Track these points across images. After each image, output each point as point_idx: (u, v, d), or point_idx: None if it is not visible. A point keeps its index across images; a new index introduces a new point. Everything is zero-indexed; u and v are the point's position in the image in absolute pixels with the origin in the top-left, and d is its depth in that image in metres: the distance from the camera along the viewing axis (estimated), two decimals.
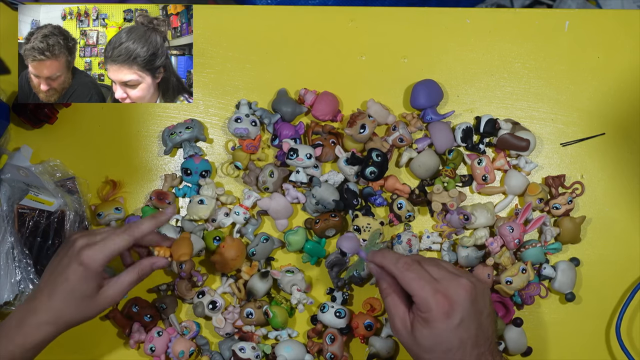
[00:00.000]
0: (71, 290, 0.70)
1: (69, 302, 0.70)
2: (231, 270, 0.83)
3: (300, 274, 0.83)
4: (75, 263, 0.70)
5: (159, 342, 0.81)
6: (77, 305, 0.71)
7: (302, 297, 0.81)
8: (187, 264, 0.82)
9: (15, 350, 0.70)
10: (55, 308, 0.70)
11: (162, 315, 0.83)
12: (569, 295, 0.83)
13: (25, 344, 0.70)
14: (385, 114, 0.85)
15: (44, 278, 0.72)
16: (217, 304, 0.81)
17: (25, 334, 0.70)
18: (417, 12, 0.90)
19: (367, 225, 0.82)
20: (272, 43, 0.89)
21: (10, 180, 0.82)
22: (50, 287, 0.70)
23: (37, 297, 0.71)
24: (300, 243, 0.83)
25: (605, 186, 0.87)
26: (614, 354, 0.84)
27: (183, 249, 0.75)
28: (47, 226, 0.81)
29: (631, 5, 1.71)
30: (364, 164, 0.82)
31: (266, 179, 0.83)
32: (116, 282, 0.73)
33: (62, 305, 0.70)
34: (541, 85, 0.88)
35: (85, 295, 0.71)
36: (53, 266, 0.72)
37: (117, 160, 0.88)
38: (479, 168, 0.84)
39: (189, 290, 0.82)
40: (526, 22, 0.89)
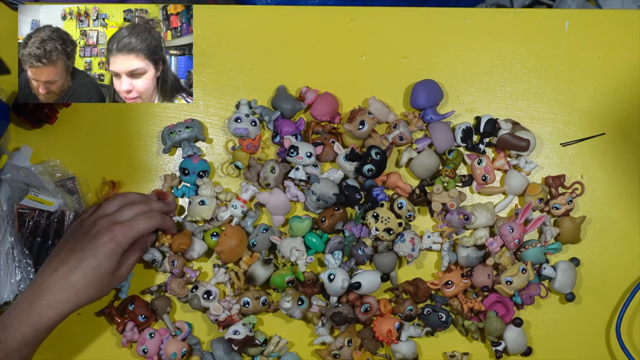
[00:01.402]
0: (97, 265, 0.71)
1: (90, 278, 0.71)
2: (236, 258, 0.83)
3: (299, 238, 0.82)
4: (106, 238, 0.72)
5: (151, 344, 0.81)
6: (97, 282, 0.72)
7: (300, 254, 0.81)
8: (179, 261, 0.82)
9: (28, 332, 0.70)
10: (75, 285, 0.71)
11: (157, 317, 0.84)
12: (569, 295, 0.83)
13: (39, 325, 0.70)
14: (386, 112, 0.85)
15: (60, 256, 0.73)
16: (212, 292, 0.81)
17: (39, 313, 0.70)
18: (417, 12, 0.90)
19: (387, 218, 0.81)
20: (272, 43, 0.89)
21: (10, 180, 0.82)
22: (72, 263, 0.71)
23: (51, 275, 0.71)
24: (302, 231, 0.82)
25: (605, 186, 0.87)
26: (614, 354, 0.84)
27: (182, 240, 0.81)
28: (47, 226, 0.81)
29: (631, 5, 1.71)
30: (362, 161, 0.82)
31: (267, 174, 0.83)
32: (126, 259, 0.76)
33: (84, 281, 0.71)
34: (541, 85, 0.88)
35: (107, 272, 0.73)
36: (70, 244, 0.73)
37: (117, 160, 0.88)
38: (479, 168, 0.84)
39: (182, 287, 0.82)
40: (526, 22, 0.89)
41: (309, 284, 0.82)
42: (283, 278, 0.81)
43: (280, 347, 0.82)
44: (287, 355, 0.82)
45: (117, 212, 0.77)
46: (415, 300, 0.83)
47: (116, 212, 0.77)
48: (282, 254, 0.82)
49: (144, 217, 0.76)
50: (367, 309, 0.81)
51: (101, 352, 0.84)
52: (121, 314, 0.83)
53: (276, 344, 0.82)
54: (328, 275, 0.80)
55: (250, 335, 0.80)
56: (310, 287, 0.82)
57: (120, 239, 0.73)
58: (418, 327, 0.82)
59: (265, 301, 0.82)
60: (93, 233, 0.73)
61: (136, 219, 0.76)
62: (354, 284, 0.80)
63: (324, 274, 0.80)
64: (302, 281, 0.82)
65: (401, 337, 0.81)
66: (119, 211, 0.77)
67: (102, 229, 0.73)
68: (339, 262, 0.82)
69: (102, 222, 0.74)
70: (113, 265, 0.73)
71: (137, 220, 0.75)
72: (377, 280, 0.81)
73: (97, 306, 0.83)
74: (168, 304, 0.84)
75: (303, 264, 0.80)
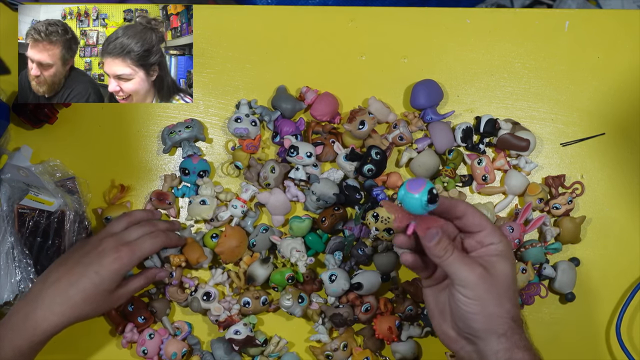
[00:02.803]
0: (99, 283, 0.72)
1: (90, 294, 0.72)
2: (236, 258, 0.83)
3: (299, 238, 0.82)
4: (112, 258, 0.72)
5: (151, 345, 0.81)
6: (96, 299, 0.72)
7: (300, 256, 0.81)
8: (177, 271, 0.82)
9: (23, 345, 0.69)
10: (73, 298, 0.71)
11: (156, 318, 0.83)
12: (569, 295, 0.83)
13: (34, 337, 0.70)
14: (386, 112, 0.85)
15: (63, 268, 0.73)
16: (211, 293, 0.81)
17: (34, 326, 0.70)
18: (417, 12, 0.90)
19: (387, 218, 0.81)
20: (272, 43, 0.89)
21: (10, 180, 0.82)
22: (73, 277, 0.71)
23: (51, 286, 0.71)
24: (303, 231, 0.83)
25: (605, 186, 0.87)
26: (614, 354, 0.84)
27: (196, 253, 0.82)
28: (47, 226, 0.81)
29: (631, 5, 1.72)
30: (362, 161, 0.82)
31: (267, 174, 0.83)
32: (126, 283, 0.77)
33: (82, 295, 0.71)
34: (541, 85, 0.88)
35: (108, 290, 0.73)
36: (75, 258, 0.73)
37: (117, 160, 0.88)
38: (479, 168, 0.84)
39: (182, 293, 0.83)
40: (526, 22, 0.89)
41: (308, 280, 0.82)
42: (283, 275, 0.81)
43: (280, 347, 0.82)
44: (287, 356, 0.82)
45: (125, 231, 0.77)
46: (415, 300, 0.83)
47: (123, 232, 0.77)
48: (282, 254, 0.82)
49: (150, 238, 0.77)
50: (368, 309, 0.81)
51: (101, 353, 0.84)
52: (121, 314, 0.83)
53: (276, 344, 0.82)
54: (329, 275, 0.80)
55: (251, 335, 0.80)
56: (310, 284, 0.82)
57: (125, 260, 0.73)
58: (418, 327, 0.82)
59: (265, 301, 0.82)
60: (99, 250, 0.74)
61: (142, 240, 0.76)
62: (355, 285, 0.80)
63: (324, 274, 0.80)
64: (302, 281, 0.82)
65: (401, 336, 0.81)
66: (125, 231, 0.77)
67: (108, 248, 0.74)
68: (339, 262, 0.82)
69: (110, 241, 0.75)
70: (114, 284, 0.74)
71: (143, 242, 0.76)
72: (378, 280, 0.81)
73: None
74: (167, 306, 0.84)
75: (303, 265, 0.80)
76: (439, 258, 0.61)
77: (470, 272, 0.61)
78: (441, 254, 0.61)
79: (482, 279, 0.61)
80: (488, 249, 0.63)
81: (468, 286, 0.61)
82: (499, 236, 0.63)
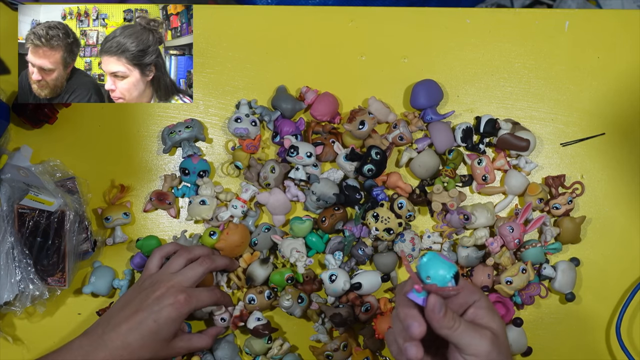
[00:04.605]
0: (157, 331, 0.72)
1: (147, 342, 0.72)
2: (236, 255, 0.83)
3: (300, 239, 0.82)
4: (169, 305, 0.72)
5: None
6: (153, 347, 0.72)
7: (300, 256, 0.81)
8: None
9: None
10: (132, 344, 0.71)
11: None
12: (569, 295, 0.83)
13: None
14: (386, 112, 0.85)
15: (124, 312, 0.73)
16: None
17: None
18: (417, 12, 0.90)
19: (387, 218, 0.81)
20: (272, 43, 0.89)
21: (10, 180, 0.82)
22: (133, 324, 0.71)
23: (113, 330, 0.71)
24: (303, 232, 0.83)
25: (605, 186, 0.87)
26: (614, 354, 0.84)
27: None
28: (47, 226, 0.81)
29: (631, 5, 1.71)
30: (362, 161, 0.82)
31: (267, 174, 0.83)
32: (190, 339, 0.77)
33: (140, 343, 0.71)
34: (541, 85, 0.88)
35: (165, 339, 0.73)
36: (136, 303, 0.73)
37: (117, 160, 0.88)
38: (479, 168, 0.84)
39: None
40: (526, 22, 0.89)
41: (308, 280, 0.82)
42: (282, 275, 0.81)
43: (283, 351, 0.82)
44: (288, 356, 0.82)
45: (182, 271, 0.76)
46: None
47: (181, 272, 0.76)
48: (283, 253, 0.82)
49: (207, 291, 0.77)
50: (368, 309, 0.81)
51: None
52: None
53: (280, 347, 0.82)
54: (329, 275, 0.80)
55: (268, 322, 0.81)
56: (310, 284, 0.82)
57: (182, 310, 0.73)
58: None
59: (270, 294, 0.82)
60: (158, 295, 0.73)
61: (200, 290, 0.76)
62: (355, 285, 0.80)
63: (325, 274, 0.80)
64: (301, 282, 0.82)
65: None
66: (183, 272, 0.76)
67: (167, 294, 0.73)
68: (340, 263, 0.82)
69: (169, 286, 0.74)
70: (172, 333, 0.74)
71: (200, 292, 0.76)
72: (378, 280, 0.81)
73: (98, 305, 0.83)
74: None
75: (302, 266, 0.80)
76: (448, 329, 0.56)
77: (482, 339, 0.57)
78: (451, 325, 0.56)
79: (494, 344, 0.57)
80: (476, 307, 0.60)
81: (481, 355, 0.57)
82: (477, 291, 0.60)
